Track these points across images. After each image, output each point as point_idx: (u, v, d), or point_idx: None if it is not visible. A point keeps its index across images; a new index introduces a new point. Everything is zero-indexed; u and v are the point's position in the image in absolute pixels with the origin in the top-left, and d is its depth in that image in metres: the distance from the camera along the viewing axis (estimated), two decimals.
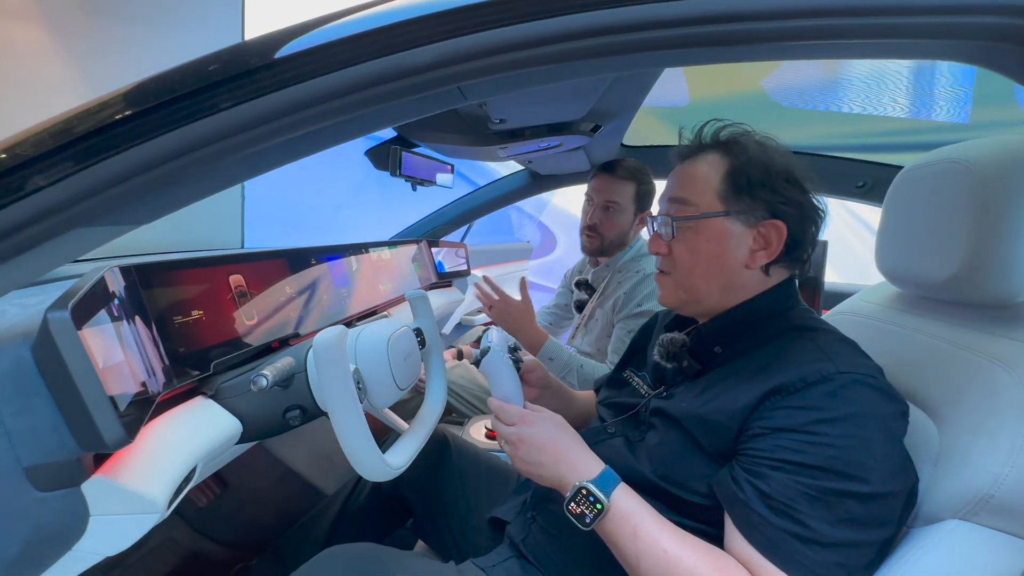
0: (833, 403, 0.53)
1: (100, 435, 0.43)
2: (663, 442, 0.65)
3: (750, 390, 0.57)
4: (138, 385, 0.52)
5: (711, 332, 0.69)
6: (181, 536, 1.14)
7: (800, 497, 0.51)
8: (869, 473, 0.50)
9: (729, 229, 0.65)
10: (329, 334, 0.59)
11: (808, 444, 0.52)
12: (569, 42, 0.43)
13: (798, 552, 0.50)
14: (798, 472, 0.52)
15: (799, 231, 0.64)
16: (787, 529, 0.51)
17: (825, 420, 0.52)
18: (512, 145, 1.25)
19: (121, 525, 0.50)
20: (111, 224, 0.43)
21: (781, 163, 0.65)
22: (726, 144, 0.68)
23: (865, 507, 0.50)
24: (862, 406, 0.52)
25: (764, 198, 0.64)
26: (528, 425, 0.66)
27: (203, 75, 0.39)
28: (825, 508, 0.50)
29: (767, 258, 0.65)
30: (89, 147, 0.39)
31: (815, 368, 0.55)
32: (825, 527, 0.50)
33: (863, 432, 0.51)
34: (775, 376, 0.56)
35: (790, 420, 0.54)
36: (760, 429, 0.55)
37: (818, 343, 0.59)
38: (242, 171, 0.46)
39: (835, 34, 0.44)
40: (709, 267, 0.67)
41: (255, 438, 0.72)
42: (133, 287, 0.60)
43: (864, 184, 1.49)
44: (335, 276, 1.13)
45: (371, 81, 0.42)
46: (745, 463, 0.56)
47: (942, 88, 1.59)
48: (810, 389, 0.54)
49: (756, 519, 0.53)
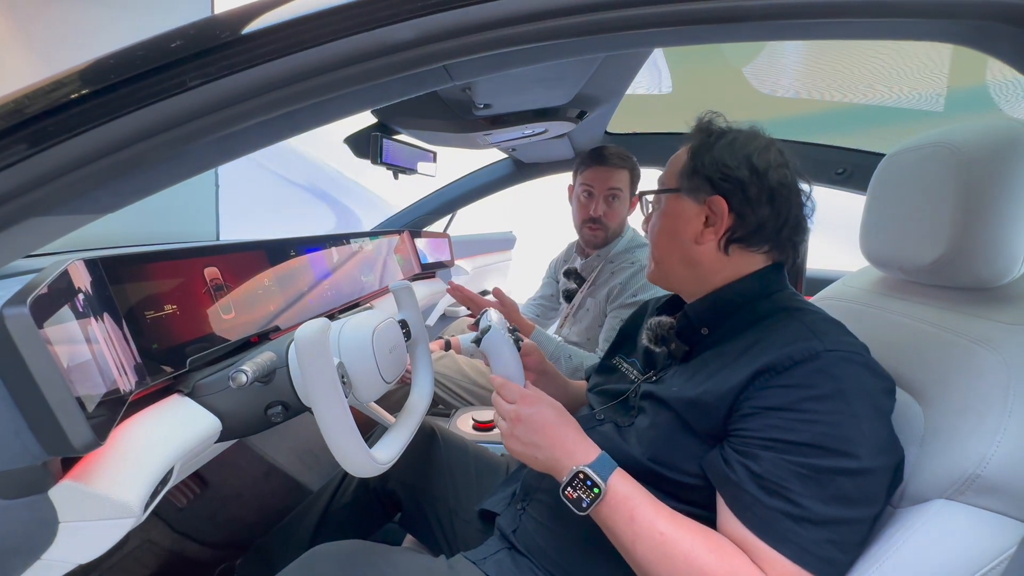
0: (821, 380, 0.53)
1: (67, 438, 0.41)
2: (653, 424, 0.65)
3: (739, 370, 0.58)
4: (108, 384, 0.50)
5: (697, 313, 0.70)
6: (161, 537, 1.11)
7: (791, 476, 0.51)
8: (858, 449, 0.50)
9: (681, 205, 0.70)
10: (311, 327, 0.56)
11: (797, 422, 0.52)
12: (559, 19, 0.41)
13: (790, 531, 0.50)
14: (788, 451, 0.52)
15: (746, 209, 0.66)
16: (779, 508, 0.51)
17: (813, 397, 0.53)
18: (496, 132, 1.23)
19: (93, 531, 0.47)
20: (70, 213, 0.40)
21: (740, 148, 0.67)
22: (696, 132, 0.72)
23: (855, 483, 0.50)
24: (849, 382, 0.53)
25: (709, 177, 0.67)
26: (528, 404, 0.65)
27: (167, 50, 0.36)
28: (817, 486, 0.51)
29: (715, 235, 0.67)
30: (43, 129, 0.36)
31: (802, 346, 0.55)
32: (817, 505, 0.50)
33: (851, 408, 0.52)
34: (763, 356, 0.57)
35: (779, 399, 0.54)
36: (750, 409, 0.56)
37: (805, 322, 0.60)
38: (213, 156, 0.43)
39: (827, 12, 0.43)
40: (667, 241, 0.72)
41: (236, 436, 0.70)
42: (100, 281, 0.57)
43: (844, 171, 1.51)
44: (316, 268, 1.10)
45: (351, 58, 0.39)
46: (736, 444, 0.56)
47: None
48: (798, 367, 0.54)
49: (748, 499, 0.53)
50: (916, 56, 1.50)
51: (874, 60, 1.53)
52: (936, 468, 0.52)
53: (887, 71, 1.55)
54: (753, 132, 0.71)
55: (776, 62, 1.72)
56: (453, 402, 1.53)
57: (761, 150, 0.67)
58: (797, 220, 0.68)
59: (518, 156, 1.84)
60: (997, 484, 0.47)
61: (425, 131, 1.26)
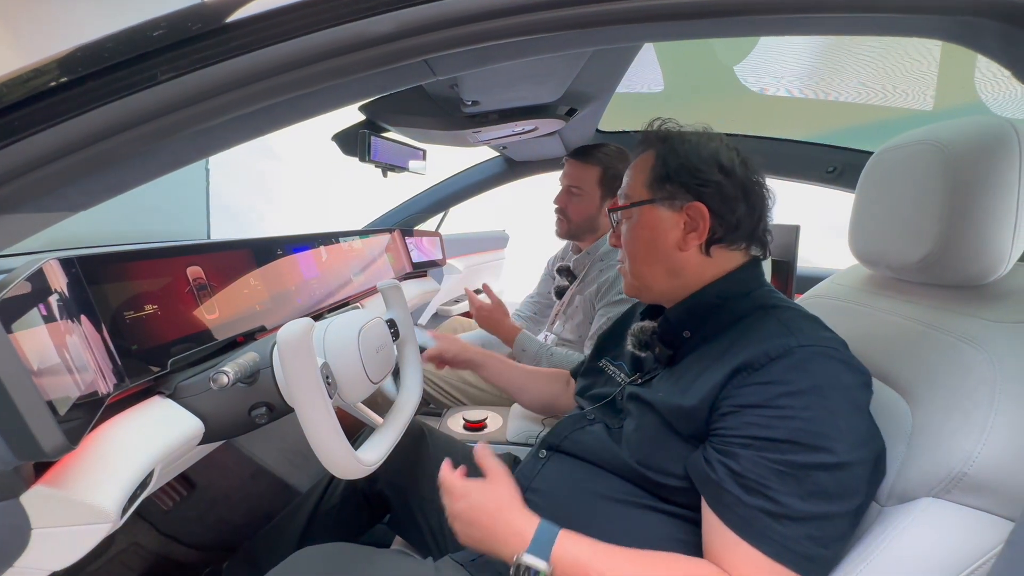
0: (796, 376, 0.53)
1: (36, 443, 0.39)
2: (639, 428, 0.65)
3: (718, 370, 0.58)
4: (83, 387, 0.48)
5: (678, 316, 0.70)
6: (147, 540, 1.09)
7: (770, 473, 0.51)
8: (834, 443, 0.51)
9: (658, 215, 0.69)
10: (293, 327, 0.55)
11: (774, 418, 0.53)
12: (543, 12, 0.40)
13: (770, 528, 0.51)
14: (766, 448, 0.52)
15: (724, 210, 0.66)
16: (759, 507, 0.51)
17: (789, 393, 0.53)
18: (486, 130, 1.22)
19: (67, 537, 0.46)
20: (39, 211, 0.39)
21: (704, 149, 0.68)
22: (655, 139, 0.72)
23: (833, 478, 0.51)
24: (825, 378, 0.53)
25: (683, 182, 0.67)
26: (457, 500, 0.63)
27: (138, 42, 0.35)
28: (795, 482, 0.51)
29: (698, 239, 0.68)
30: (8, 123, 0.35)
31: (777, 343, 0.56)
32: (796, 502, 0.50)
33: (827, 403, 0.52)
34: (740, 354, 0.57)
35: (756, 396, 0.54)
36: (728, 407, 0.56)
37: (780, 319, 0.60)
38: (188, 152, 0.42)
39: (815, 8, 0.43)
40: (647, 253, 0.71)
41: (220, 438, 0.69)
42: (76, 281, 0.55)
43: (834, 169, 1.51)
44: (303, 267, 1.08)
45: (330, 51, 0.38)
46: (716, 443, 0.56)
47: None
48: (774, 364, 0.55)
49: (729, 499, 0.53)
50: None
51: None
52: (923, 466, 0.52)
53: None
54: (707, 132, 0.71)
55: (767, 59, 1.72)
56: (445, 401, 1.53)
57: (723, 149, 0.68)
58: (767, 214, 0.70)
59: (509, 154, 1.83)
60: (984, 482, 0.47)
61: (414, 128, 1.25)
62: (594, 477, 0.68)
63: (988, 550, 0.46)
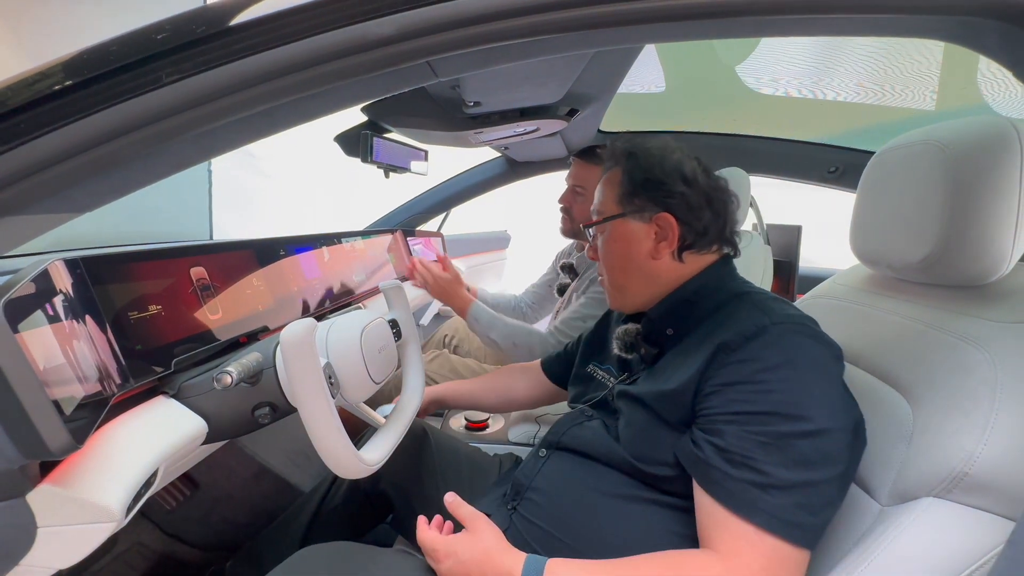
0: (771, 352, 0.57)
1: (43, 442, 0.40)
2: (630, 423, 0.67)
3: (699, 356, 0.61)
4: (88, 387, 0.49)
5: (659, 315, 0.73)
6: (150, 540, 1.10)
7: (754, 445, 0.54)
8: (811, 411, 0.53)
9: (630, 228, 0.73)
10: (296, 328, 0.56)
11: (754, 393, 0.56)
12: (544, 14, 0.40)
13: (759, 499, 0.53)
14: (748, 422, 0.55)
15: (691, 218, 0.71)
16: (746, 479, 0.53)
17: (765, 368, 0.56)
18: (487, 131, 1.22)
19: (72, 536, 0.46)
20: (44, 212, 0.39)
21: (667, 162, 0.72)
22: (621, 156, 0.76)
23: (813, 445, 0.53)
24: (797, 352, 0.57)
25: (650, 195, 0.72)
26: (442, 561, 0.63)
27: (142, 45, 0.36)
28: (778, 452, 0.53)
29: (669, 247, 0.72)
30: (14, 126, 0.35)
31: (751, 323, 0.60)
32: (781, 471, 0.52)
33: (800, 375, 0.55)
34: (718, 337, 0.61)
35: (735, 374, 0.57)
36: (711, 388, 0.59)
37: (753, 302, 0.65)
38: (191, 153, 0.42)
39: (817, 8, 0.43)
40: (623, 264, 0.75)
41: (223, 437, 0.69)
42: (81, 281, 0.56)
43: (836, 169, 1.51)
44: (306, 267, 1.09)
45: (331, 54, 0.38)
46: (701, 423, 0.59)
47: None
48: (749, 343, 0.58)
49: (717, 474, 0.55)
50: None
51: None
52: (924, 466, 0.52)
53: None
54: (667, 144, 0.75)
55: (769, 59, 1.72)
56: None
57: (685, 160, 0.72)
58: (734, 217, 0.74)
59: (511, 155, 1.83)
60: (985, 482, 0.47)
61: (416, 129, 1.26)
62: (594, 473, 0.69)
63: (989, 550, 0.46)
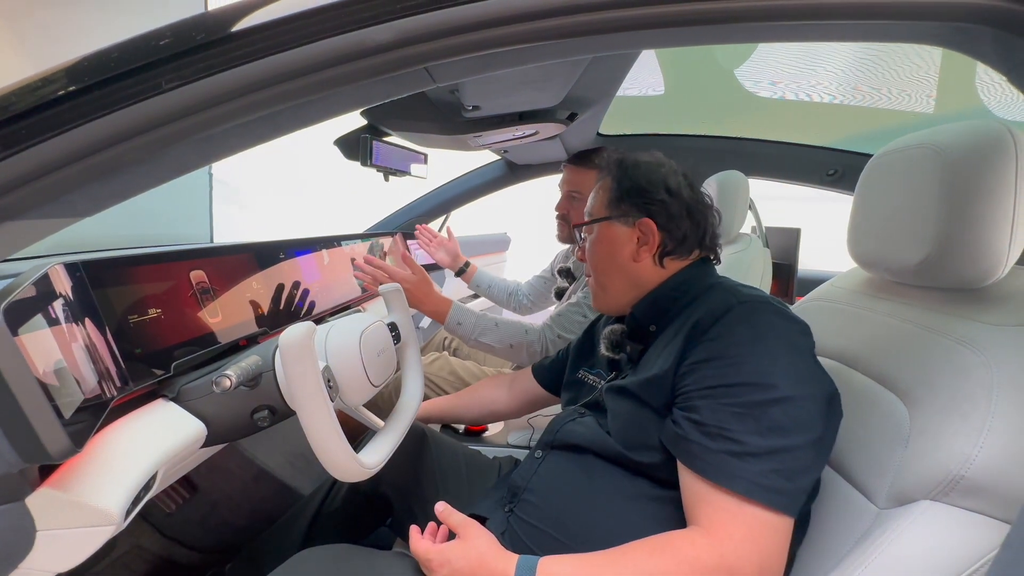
0: (739, 328, 0.61)
1: (42, 446, 0.40)
2: (617, 414, 0.70)
3: (677, 340, 0.65)
4: (87, 390, 0.49)
5: (643, 312, 0.77)
6: (150, 543, 1.10)
7: (728, 417, 0.56)
8: (778, 379, 0.56)
9: (615, 231, 0.78)
10: (295, 331, 0.56)
11: (725, 367, 0.59)
12: (541, 20, 0.41)
13: (736, 468, 0.55)
14: (721, 395, 0.58)
15: (671, 225, 0.75)
16: (723, 449, 0.56)
17: (735, 343, 0.60)
18: (487, 134, 1.22)
19: (72, 539, 0.46)
20: (45, 217, 0.40)
21: (653, 174, 0.78)
22: (613, 166, 0.82)
23: (784, 412, 0.55)
24: (763, 327, 0.60)
25: (635, 202, 0.77)
26: (437, 569, 0.63)
27: (143, 52, 0.36)
28: (752, 421, 0.55)
29: (650, 251, 0.76)
30: (16, 131, 0.36)
31: (720, 303, 0.64)
32: (755, 439, 0.55)
33: (767, 347, 0.59)
34: (692, 320, 0.65)
35: (707, 351, 0.61)
36: (687, 367, 0.62)
37: (723, 287, 0.70)
38: (192, 159, 0.43)
39: (812, 15, 0.43)
40: (607, 265, 0.80)
41: (222, 440, 0.69)
42: (81, 285, 0.56)
43: (835, 172, 1.51)
44: (306, 270, 1.09)
45: (330, 60, 0.39)
46: (680, 402, 0.62)
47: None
48: (719, 321, 0.62)
49: (696, 448, 0.58)
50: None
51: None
52: (921, 469, 0.52)
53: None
54: (658, 159, 0.81)
55: (768, 63, 1.72)
56: None
57: (670, 174, 0.78)
58: (715, 228, 0.79)
59: (511, 158, 1.84)
60: (981, 485, 0.47)
61: (415, 133, 1.26)
62: (589, 471, 0.70)
63: (985, 553, 0.46)
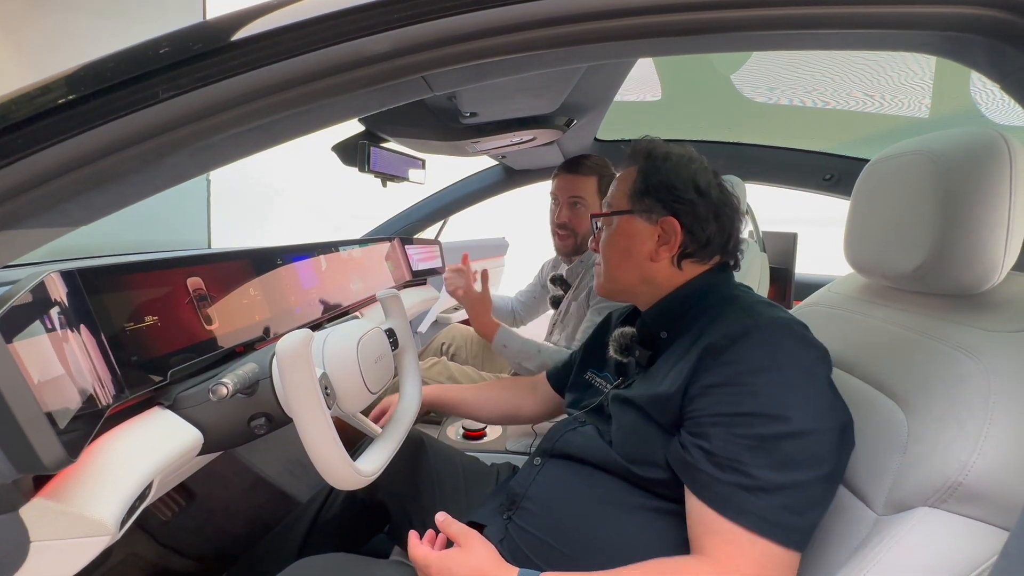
0: (755, 354, 0.57)
1: (36, 456, 0.40)
2: (621, 426, 0.68)
3: (688, 358, 0.62)
4: (82, 399, 0.49)
5: (653, 318, 0.75)
6: (145, 551, 1.09)
7: (741, 448, 0.54)
8: (793, 412, 0.54)
9: (635, 225, 0.74)
10: (292, 339, 0.56)
11: (739, 395, 0.56)
12: (536, 30, 0.41)
13: (746, 502, 0.53)
14: (734, 424, 0.55)
15: (696, 227, 0.71)
16: (734, 482, 0.54)
17: (750, 371, 0.57)
18: (484, 140, 1.23)
19: (66, 550, 0.46)
20: (41, 226, 0.40)
21: (684, 170, 0.72)
22: (640, 155, 0.76)
23: (798, 446, 0.53)
24: (781, 354, 0.57)
25: (660, 198, 0.72)
26: (436, 572, 0.63)
27: (139, 62, 0.36)
28: (764, 454, 0.54)
29: (669, 252, 0.72)
30: (12, 141, 0.36)
31: (738, 325, 0.60)
32: (768, 473, 0.53)
33: (784, 376, 0.56)
34: (706, 338, 0.61)
35: (721, 376, 0.58)
36: (697, 390, 0.59)
37: (740, 305, 0.65)
38: (188, 168, 0.43)
39: (805, 24, 0.43)
40: (622, 260, 0.76)
41: (219, 448, 0.69)
42: (77, 293, 0.56)
43: (831, 177, 1.52)
44: (303, 276, 1.09)
45: (328, 70, 0.39)
46: (689, 426, 0.59)
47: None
48: (735, 344, 0.59)
49: (705, 478, 0.56)
50: None
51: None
52: (919, 475, 0.52)
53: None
54: (690, 154, 0.75)
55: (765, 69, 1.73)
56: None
57: (701, 171, 0.73)
58: (738, 234, 0.75)
59: (508, 163, 1.84)
60: (979, 492, 0.47)
61: (413, 139, 1.26)
62: (588, 481, 0.69)
63: (984, 560, 0.46)
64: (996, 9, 0.40)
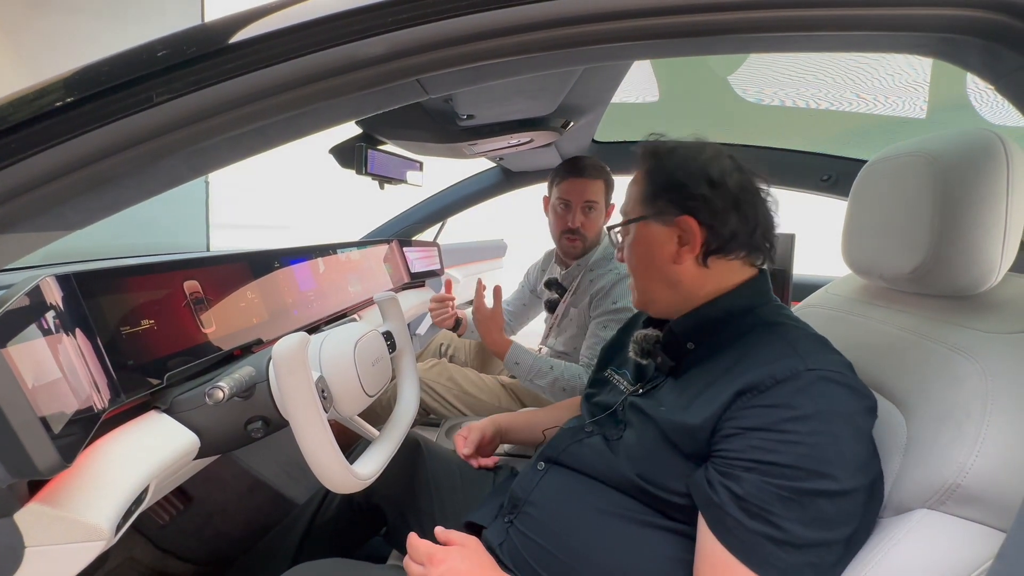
0: (802, 400, 0.53)
1: (31, 461, 0.40)
2: (640, 442, 0.65)
3: (722, 391, 0.57)
4: (78, 403, 0.49)
5: (683, 328, 0.70)
6: (142, 555, 1.09)
7: (774, 499, 0.51)
8: (838, 470, 0.50)
9: (652, 231, 0.70)
10: (288, 342, 0.56)
11: (779, 443, 0.52)
12: (531, 33, 0.41)
13: (772, 555, 0.50)
14: (770, 472, 0.51)
15: (716, 223, 0.66)
16: (761, 532, 0.51)
17: (794, 418, 0.52)
18: (482, 142, 1.23)
19: (61, 555, 0.46)
20: (36, 230, 0.39)
21: (692, 163, 0.67)
22: (646, 156, 0.72)
23: (835, 505, 0.50)
24: (830, 403, 0.53)
25: (671, 198, 0.68)
26: (436, 564, 0.62)
27: (134, 65, 0.36)
28: (799, 509, 0.50)
29: (692, 252, 0.67)
30: (6, 145, 0.35)
31: (784, 365, 0.55)
32: (799, 528, 0.50)
33: (831, 429, 0.51)
34: (745, 374, 0.56)
35: (761, 419, 0.53)
36: (732, 429, 0.55)
37: (788, 340, 0.59)
38: (183, 171, 0.43)
39: (800, 26, 0.43)
40: (645, 268, 0.72)
41: (215, 452, 0.69)
42: (73, 297, 0.56)
43: (829, 177, 1.52)
44: (301, 279, 1.09)
45: (322, 73, 0.39)
46: (719, 465, 0.55)
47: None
48: (779, 387, 0.54)
49: (731, 522, 0.52)
50: None
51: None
52: (918, 477, 0.52)
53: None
54: (699, 143, 0.71)
55: (763, 70, 1.74)
56: (444, 411, 1.52)
57: (713, 159, 0.67)
58: (767, 220, 0.68)
59: (506, 165, 1.84)
60: (977, 493, 0.47)
61: (411, 142, 1.26)
62: (593, 491, 0.68)
63: (982, 562, 0.46)
64: (991, 11, 0.40)
